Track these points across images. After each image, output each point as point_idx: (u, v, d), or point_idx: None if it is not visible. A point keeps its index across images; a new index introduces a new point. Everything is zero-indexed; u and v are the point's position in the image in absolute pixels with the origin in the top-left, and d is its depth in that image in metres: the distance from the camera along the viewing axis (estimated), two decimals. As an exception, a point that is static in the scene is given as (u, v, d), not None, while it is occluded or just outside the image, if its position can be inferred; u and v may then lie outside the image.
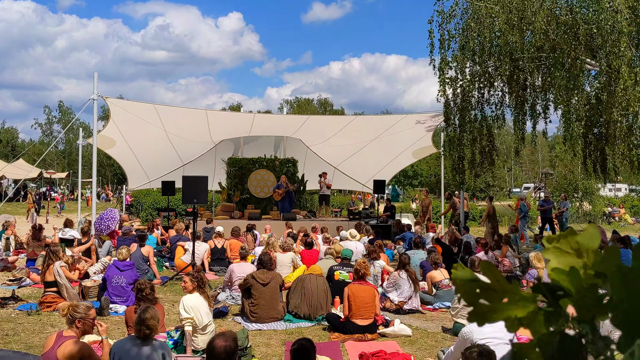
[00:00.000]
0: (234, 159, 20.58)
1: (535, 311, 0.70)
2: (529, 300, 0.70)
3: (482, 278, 0.73)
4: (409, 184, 54.02)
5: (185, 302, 6.31)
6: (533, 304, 0.70)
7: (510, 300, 0.71)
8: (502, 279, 0.71)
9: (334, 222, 17.60)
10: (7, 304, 8.77)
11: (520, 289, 0.72)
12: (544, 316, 0.69)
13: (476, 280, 0.72)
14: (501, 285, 0.71)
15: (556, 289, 0.70)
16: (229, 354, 3.89)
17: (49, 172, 45.92)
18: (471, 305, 0.72)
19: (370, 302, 7.34)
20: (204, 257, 12.01)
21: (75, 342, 4.73)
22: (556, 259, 0.70)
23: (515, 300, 0.71)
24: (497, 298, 0.71)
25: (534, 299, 0.70)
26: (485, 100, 14.59)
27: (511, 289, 0.71)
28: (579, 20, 11.46)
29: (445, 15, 13.76)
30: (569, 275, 0.68)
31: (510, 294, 0.71)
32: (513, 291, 0.71)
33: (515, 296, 0.71)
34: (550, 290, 0.70)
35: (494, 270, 0.72)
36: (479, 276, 0.74)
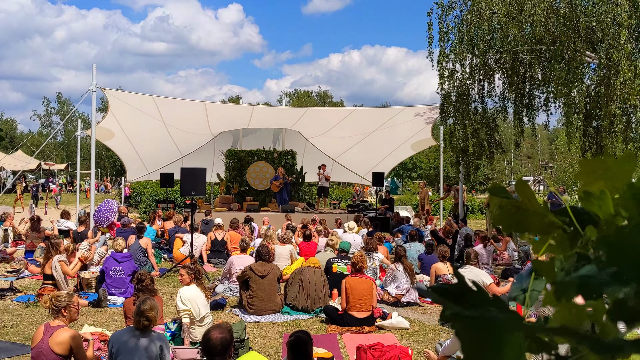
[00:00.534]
0: (232, 151, 20.56)
1: (559, 232, 0.70)
2: (556, 219, 0.70)
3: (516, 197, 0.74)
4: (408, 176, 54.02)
5: (183, 294, 6.31)
6: (559, 224, 0.70)
7: (540, 219, 0.71)
8: (533, 199, 0.71)
9: (332, 215, 17.61)
10: (5, 296, 8.78)
11: (548, 210, 0.71)
12: (568, 238, 0.69)
13: (509, 195, 0.73)
14: (532, 204, 0.71)
15: (584, 213, 0.70)
16: (224, 345, 3.89)
17: (48, 164, 45.88)
18: (500, 211, 0.73)
19: (368, 295, 7.34)
20: (202, 249, 12.01)
21: (67, 330, 4.74)
22: (587, 182, 0.69)
23: (544, 220, 0.71)
24: (526, 213, 0.72)
25: (563, 220, 0.70)
26: (485, 92, 14.56)
27: (541, 209, 0.71)
28: (578, 13, 11.42)
29: (445, 7, 13.72)
30: (597, 200, 0.68)
31: (539, 214, 0.71)
32: (542, 211, 0.71)
33: (543, 216, 0.71)
34: (577, 214, 0.70)
35: (528, 190, 0.72)
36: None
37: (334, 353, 6.14)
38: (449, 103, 14.43)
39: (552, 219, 0.70)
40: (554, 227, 0.70)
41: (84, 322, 7.30)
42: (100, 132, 17.22)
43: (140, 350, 4.50)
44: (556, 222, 0.69)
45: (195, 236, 11.53)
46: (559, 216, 0.70)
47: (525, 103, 14.22)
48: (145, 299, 4.89)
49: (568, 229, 0.69)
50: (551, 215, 0.70)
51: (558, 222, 0.69)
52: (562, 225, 0.69)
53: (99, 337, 6.40)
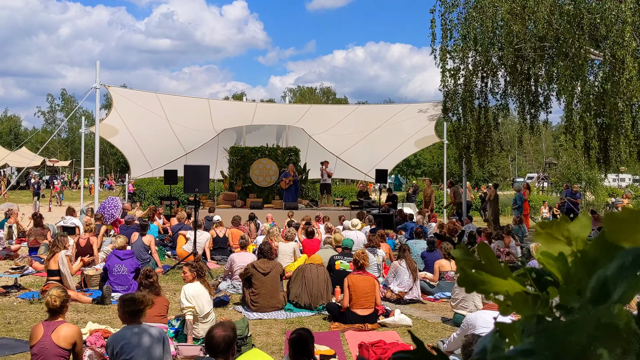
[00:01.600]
0: (236, 148, 20.58)
1: (521, 293, 0.72)
2: (517, 282, 0.72)
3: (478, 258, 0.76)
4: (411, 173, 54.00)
5: (187, 291, 6.33)
6: (520, 286, 0.72)
7: (500, 280, 0.73)
8: (495, 261, 0.73)
9: (336, 212, 17.61)
10: (9, 292, 8.81)
11: (510, 272, 0.73)
12: (530, 300, 0.71)
13: (472, 259, 0.75)
14: (493, 266, 0.73)
15: (544, 274, 0.72)
16: (227, 343, 3.91)
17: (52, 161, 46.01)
18: (462, 272, 0.75)
19: (370, 292, 7.35)
20: (205, 246, 12.04)
21: (69, 325, 4.79)
22: (546, 244, 0.72)
23: (504, 281, 0.72)
24: (488, 274, 0.74)
25: (523, 282, 0.72)
26: (488, 89, 14.54)
27: (502, 270, 0.73)
28: (582, 10, 11.38)
29: (448, 4, 13.70)
30: (556, 262, 0.70)
31: (500, 275, 0.73)
32: (503, 273, 0.73)
33: (504, 277, 0.73)
34: (537, 275, 0.72)
35: (489, 251, 0.74)
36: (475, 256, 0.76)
37: (337, 350, 6.16)
38: (452, 100, 14.41)
39: (512, 282, 0.72)
40: (515, 288, 0.72)
41: (87, 319, 7.34)
42: (104, 129, 17.27)
43: (142, 348, 4.51)
44: (516, 284, 0.71)
45: (198, 233, 11.55)
46: (520, 277, 0.72)
47: (529, 100, 14.20)
48: (133, 294, 4.93)
49: (530, 291, 0.71)
50: (510, 278, 0.72)
51: (517, 284, 0.71)
52: (522, 287, 0.71)
53: (102, 334, 6.42)
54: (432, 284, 9.33)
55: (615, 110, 11.67)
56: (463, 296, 7.31)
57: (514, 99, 14.58)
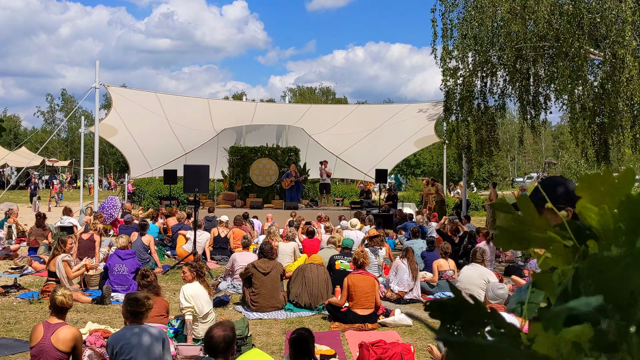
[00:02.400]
0: (236, 148, 20.58)
1: (560, 246, 0.72)
2: (557, 235, 0.72)
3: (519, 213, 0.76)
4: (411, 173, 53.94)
5: (186, 291, 6.32)
6: (560, 239, 0.72)
7: (541, 234, 0.73)
8: (535, 214, 0.72)
9: (336, 211, 17.60)
10: (9, 292, 8.80)
11: (549, 224, 0.72)
12: (569, 253, 0.71)
13: (512, 212, 0.74)
14: (533, 219, 0.72)
15: (584, 228, 0.71)
16: (227, 343, 3.90)
17: (52, 160, 45.98)
18: (499, 230, 0.74)
19: (370, 292, 7.34)
20: (205, 246, 12.03)
21: (69, 328, 4.77)
22: (588, 197, 0.71)
23: (543, 234, 0.72)
24: (526, 228, 0.73)
25: (563, 235, 0.72)
26: (488, 89, 14.53)
27: (541, 223, 0.73)
28: (582, 9, 11.38)
29: (448, 4, 13.69)
30: (597, 215, 0.69)
31: (539, 228, 0.72)
32: (543, 225, 0.72)
33: (543, 230, 0.72)
34: (578, 229, 0.71)
35: (530, 206, 0.73)
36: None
37: (337, 350, 6.15)
38: (452, 100, 14.40)
39: (552, 234, 0.70)
40: (554, 241, 0.71)
41: (87, 318, 7.33)
42: (103, 129, 17.26)
43: (142, 347, 4.49)
44: (555, 237, 0.70)
45: (198, 233, 11.54)
46: (560, 231, 0.71)
47: (529, 100, 14.19)
48: (137, 293, 4.93)
49: (568, 243, 0.70)
50: (551, 231, 0.71)
51: (557, 237, 0.70)
52: (561, 240, 0.70)
53: (102, 334, 6.41)
54: (432, 284, 9.33)
55: (615, 110, 11.66)
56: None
57: (514, 98, 14.58)
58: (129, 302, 4.61)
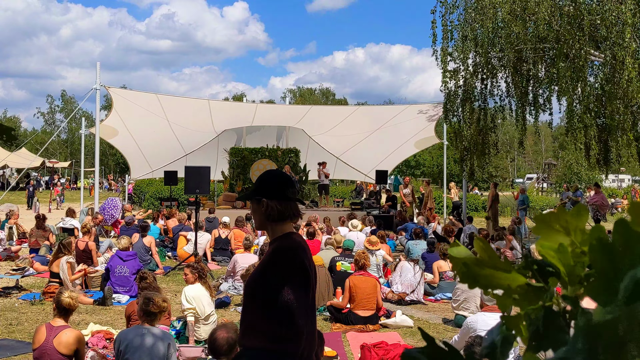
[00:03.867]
0: (236, 149, 20.58)
1: (524, 286, 0.73)
2: (519, 274, 0.73)
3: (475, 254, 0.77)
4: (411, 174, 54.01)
5: (187, 293, 6.33)
6: (523, 279, 0.73)
7: (502, 274, 0.73)
8: (494, 256, 0.74)
9: (336, 212, 17.60)
10: (10, 294, 8.81)
11: (511, 265, 0.74)
12: (532, 292, 0.72)
13: (470, 255, 0.76)
14: (493, 261, 0.74)
15: (545, 265, 0.72)
16: (230, 345, 3.91)
17: (52, 162, 45.98)
18: (464, 268, 0.75)
19: (371, 293, 7.36)
20: (206, 247, 12.03)
21: (72, 331, 4.78)
22: (546, 236, 0.72)
23: (507, 273, 0.73)
24: (490, 269, 0.75)
25: (525, 274, 0.73)
26: (488, 91, 14.54)
27: (503, 265, 0.74)
28: (583, 11, 11.40)
29: (448, 5, 13.71)
30: (557, 253, 0.71)
31: (503, 269, 0.74)
32: (505, 267, 0.74)
33: (507, 270, 0.74)
34: (539, 267, 0.73)
35: (487, 247, 0.75)
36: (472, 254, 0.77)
37: (338, 352, 6.16)
38: (452, 101, 14.42)
39: (515, 275, 0.72)
40: (517, 281, 0.72)
41: (89, 320, 7.34)
42: (104, 130, 17.27)
43: (147, 348, 4.51)
44: (518, 277, 0.72)
45: (199, 234, 11.55)
46: (521, 270, 0.72)
47: (529, 101, 14.21)
48: (155, 293, 4.94)
49: (533, 283, 0.72)
50: (514, 271, 0.73)
51: (521, 277, 0.72)
52: (525, 280, 0.72)
53: (104, 336, 6.42)
54: (432, 285, 9.35)
55: (615, 111, 11.68)
56: (464, 297, 7.31)
57: (514, 100, 14.59)
58: (143, 301, 4.65)
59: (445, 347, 0.70)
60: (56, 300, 4.95)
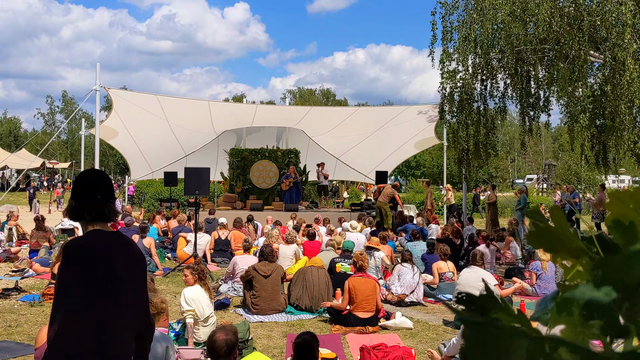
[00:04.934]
0: (236, 150, 20.57)
1: (587, 259, 0.72)
2: (584, 248, 0.73)
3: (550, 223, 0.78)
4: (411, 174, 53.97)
5: (187, 294, 6.32)
6: (588, 253, 0.73)
7: (570, 244, 0.74)
8: (566, 226, 0.74)
9: (336, 213, 17.61)
10: (10, 295, 8.80)
11: (577, 236, 0.74)
12: (592, 265, 0.71)
13: (544, 221, 0.75)
14: (564, 230, 0.73)
15: (611, 243, 0.72)
16: (229, 347, 3.90)
17: (52, 163, 45.96)
18: (536, 227, 0.75)
19: (371, 295, 7.35)
20: (206, 249, 12.03)
21: None
22: (617, 211, 0.71)
23: (573, 245, 0.73)
24: (560, 238, 0.75)
25: (590, 249, 0.72)
26: (488, 92, 14.54)
27: (572, 236, 0.74)
28: (582, 12, 11.40)
29: (448, 6, 13.70)
30: (625, 230, 0.70)
31: (570, 240, 0.73)
32: (573, 238, 0.73)
33: (573, 243, 0.73)
34: (604, 244, 0.72)
35: (562, 217, 0.75)
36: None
37: (338, 353, 6.15)
38: (449, 103, 14.42)
39: (581, 245, 0.72)
40: (582, 252, 0.72)
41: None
42: (104, 131, 17.27)
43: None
44: (584, 248, 0.72)
45: (198, 235, 11.55)
46: (587, 244, 0.72)
47: (529, 102, 14.20)
48: (153, 295, 4.93)
49: (595, 257, 0.71)
50: (580, 242, 0.72)
51: (585, 248, 0.72)
52: (589, 252, 0.71)
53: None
54: (432, 286, 9.34)
55: (615, 112, 11.67)
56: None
57: (514, 101, 14.59)
58: None
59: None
60: None
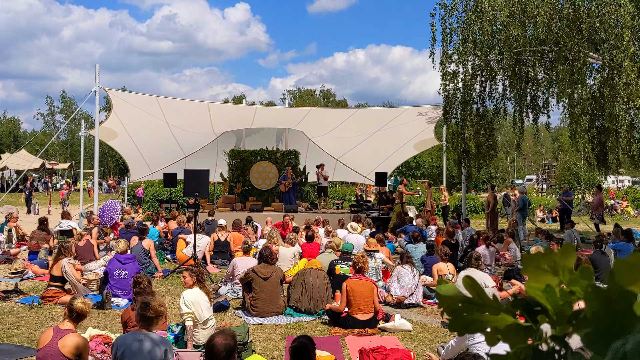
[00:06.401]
0: (235, 151, 20.58)
1: (513, 325, 0.73)
2: (508, 314, 0.73)
3: (465, 292, 0.77)
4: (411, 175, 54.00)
5: (186, 297, 6.33)
6: (512, 319, 0.73)
7: (491, 314, 0.73)
8: (483, 294, 0.74)
9: (335, 214, 17.61)
10: (9, 297, 8.80)
11: (500, 304, 0.74)
12: (521, 331, 0.72)
13: (458, 294, 0.75)
14: (482, 299, 0.74)
15: (533, 304, 0.72)
16: (228, 351, 3.91)
17: (51, 163, 45.96)
18: (453, 315, 0.76)
19: (369, 297, 7.35)
20: (205, 250, 12.03)
21: (77, 335, 4.80)
22: (534, 276, 0.73)
23: (495, 314, 0.73)
24: (478, 311, 0.74)
25: (514, 313, 0.73)
26: (487, 93, 14.55)
27: (492, 303, 0.74)
28: (582, 14, 11.41)
29: (448, 8, 13.70)
30: (545, 293, 0.71)
31: (491, 308, 0.73)
32: (493, 305, 0.74)
33: (495, 310, 0.73)
34: (527, 306, 0.73)
35: (476, 285, 0.75)
36: (462, 290, 0.77)
37: (337, 356, 6.16)
38: (451, 104, 14.42)
39: (503, 315, 0.73)
40: (507, 322, 0.73)
41: (87, 324, 7.32)
42: (103, 132, 17.27)
43: (145, 354, 4.51)
44: (509, 317, 0.72)
45: (198, 237, 11.55)
46: (510, 309, 0.73)
47: (528, 103, 14.21)
48: (152, 298, 4.95)
49: (521, 323, 0.72)
50: (502, 313, 0.73)
51: (510, 317, 0.72)
52: (513, 319, 0.72)
53: (102, 340, 6.42)
54: (431, 288, 9.33)
55: (613, 114, 11.68)
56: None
57: (513, 102, 14.59)
58: (140, 306, 4.67)
59: None
60: (69, 304, 4.98)
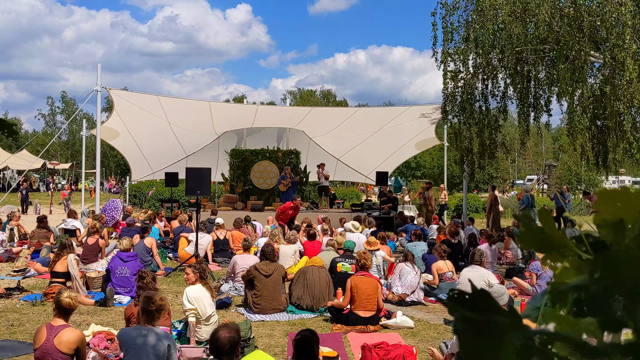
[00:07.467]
0: (237, 151, 20.61)
1: (576, 258, 0.73)
2: (573, 248, 0.74)
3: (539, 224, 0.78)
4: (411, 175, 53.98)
5: (189, 293, 6.35)
6: (578, 252, 0.74)
7: (559, 243, 0.75)
8: (554, 228, 0.75)
9: (336, 214, 17.63)
10: (12, 295, 8.83)
11: (567, 239, 0.75)
12: (584, 264, 0.73)
13: (534, 223, 0.77)
14: (553, 232, 0.75)
15: (600, 242, 0.72)
16: (232, 345, 3.93)
17: (53, 163, 45.98)
18: (526, 228, 0.77)
19: (372, 294, 7.37)
20: (207, 248, 12.05)
21: (73, 330, 4.81)
22: (606, 210, 0.72)
23: (562, 244, 0.74)
24: (549, 238, 0.76)
25: (580, 248, 0.74)
26: (489, 92, 14.55)
27: (561, 237, 0.75)
28: (583, 12, 11.42)
29: (449, 7, 13.70)
30: (614, 228, 0.71)
31: (560, 239, 0.75)
32: (562, 238, 0.74)
33: (562, 242, 0.74)
34: (593, 242, 0.73)
35: (550, 220, 0.76)
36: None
37: (339, 352, 6.17)
38: (452, 103, 14.43)
39: (569, 244, 0.74)
40: (570, 251, 0.74)
41: (90, 321, 7.36)
42: (105, 132, 17.30)
43: (148, 349, 4.53)
44: (573, 248, 0.74)
45: (200, 235, 11.57)
46: (576, 243, 0.74)
47: (530, 102, 14.22)
48: (154, 293, 4.98)
49: (584, 256, 0.73)
50: (568, 241, 0.74)
51: (574, 248, 0.73)
52: (578, 251, 0.73)
53: (105, 336, 6.44)
54: (432, 286, 9.36)
55: (615, 113, 11.69)
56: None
57: (515, 101, 14.59)
58: (144, 301, 4.69)
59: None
60: (56, 300, 4.98)
